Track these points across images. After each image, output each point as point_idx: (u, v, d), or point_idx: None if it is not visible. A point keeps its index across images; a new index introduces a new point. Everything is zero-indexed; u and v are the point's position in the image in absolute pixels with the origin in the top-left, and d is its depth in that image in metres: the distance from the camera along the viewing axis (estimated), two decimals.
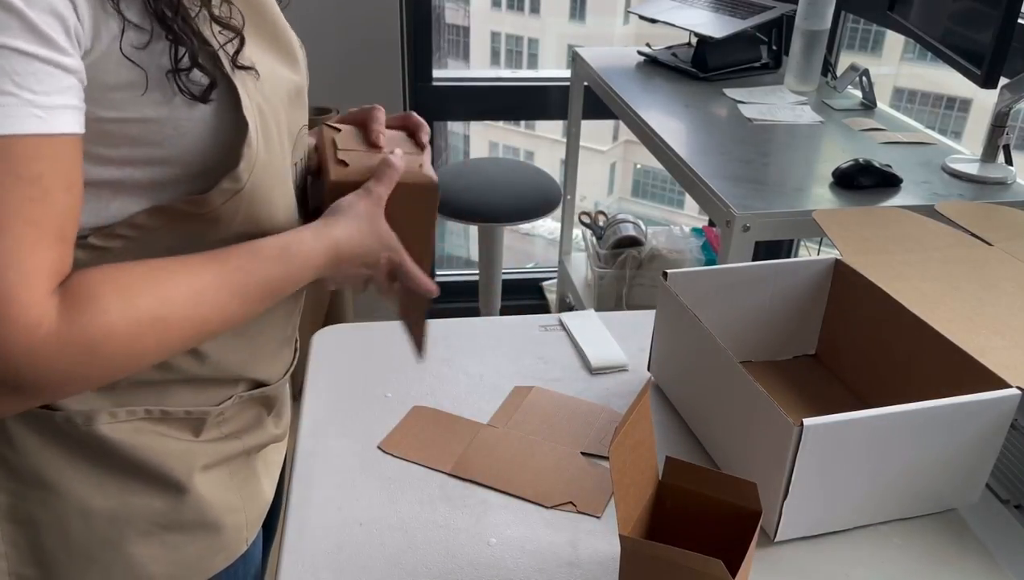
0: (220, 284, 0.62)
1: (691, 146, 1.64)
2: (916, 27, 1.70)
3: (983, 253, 1.09)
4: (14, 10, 0.48)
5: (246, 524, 0.78)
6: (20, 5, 0.48)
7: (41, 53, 0.49)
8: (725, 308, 1.03)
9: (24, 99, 0.49)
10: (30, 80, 0.49)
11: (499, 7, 6.72)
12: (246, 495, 0.78)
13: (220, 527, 0.75)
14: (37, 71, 0.49)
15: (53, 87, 0.51)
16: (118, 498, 0.69)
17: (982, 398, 0.80)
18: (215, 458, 0.74)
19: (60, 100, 0.51)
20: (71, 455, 0.68)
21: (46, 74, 0.50)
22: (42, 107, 0.50)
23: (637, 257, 2.20)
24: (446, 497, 0.87)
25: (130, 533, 0.71)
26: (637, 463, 0.71)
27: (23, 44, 0.48)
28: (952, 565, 0.81)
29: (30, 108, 0.49)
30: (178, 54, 0.57)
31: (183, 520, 0.73)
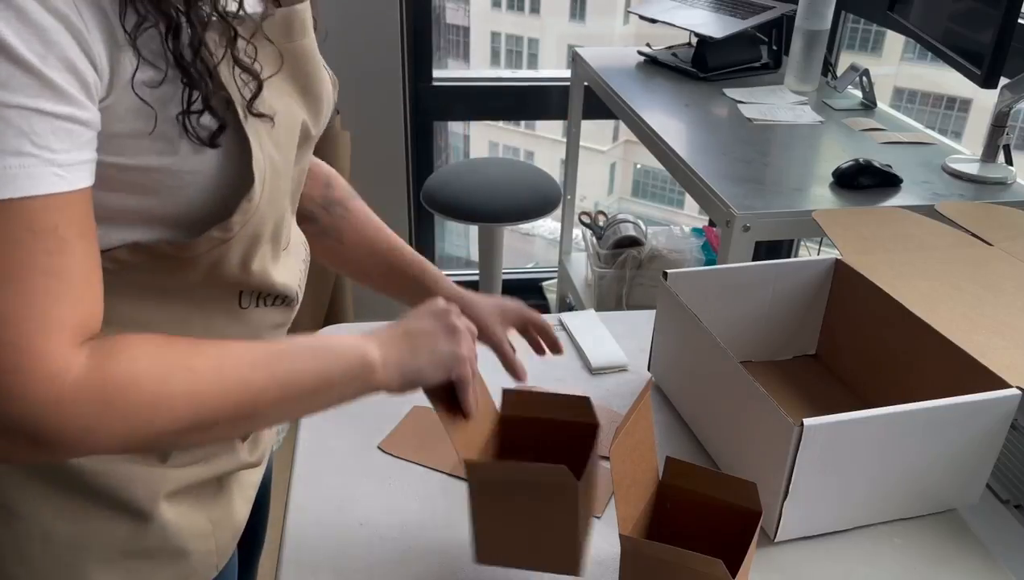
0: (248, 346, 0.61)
1: (691, 146, 1.64)
2: (916, 27, 1.70)
3: (983, 253, 1.09)
4: (32, 70, 0.48)
5: (216, 549, 0.76)
6: (38, 64, 0.48)
7: (60, 111, 0.49)
8: (725, 308, 1.03)
9: (44, 159, 0.49)
10: (49, 139, 0.49)
11: (499, 7, 6.72)
12: (216, 519, 0.76)
13: (187, 553, 0.73)
14: (56, 129, 0.49)
15: (72, 144, 0.50)
16: (80, 523, 0.67)
17: (982, 398, 0.80)
18: (181, 483, 0.72)
19: (78, 156, 0.51)
20: (32, 478, 0.66)
21: (65, 132, 0.50)
22: (62, 165, 0.50)
23: (637, 257, 2.20)
24: (446, 497, 0.87)
25: (90, 559, 0.69)
26: (637, 463, 0.71)
27: (42, 103, 0.48)
28: (952, 565, 0.81)
29: (50, 168, 0.49)
30: (191, 97, 0.56)
31: (146, 547, 0.71)
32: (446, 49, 2.70)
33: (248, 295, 0.69)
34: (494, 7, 6.69)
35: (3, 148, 0.47)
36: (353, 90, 2.24)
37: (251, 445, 0.80)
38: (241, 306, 0.69)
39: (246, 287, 0.69)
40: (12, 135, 0.47)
